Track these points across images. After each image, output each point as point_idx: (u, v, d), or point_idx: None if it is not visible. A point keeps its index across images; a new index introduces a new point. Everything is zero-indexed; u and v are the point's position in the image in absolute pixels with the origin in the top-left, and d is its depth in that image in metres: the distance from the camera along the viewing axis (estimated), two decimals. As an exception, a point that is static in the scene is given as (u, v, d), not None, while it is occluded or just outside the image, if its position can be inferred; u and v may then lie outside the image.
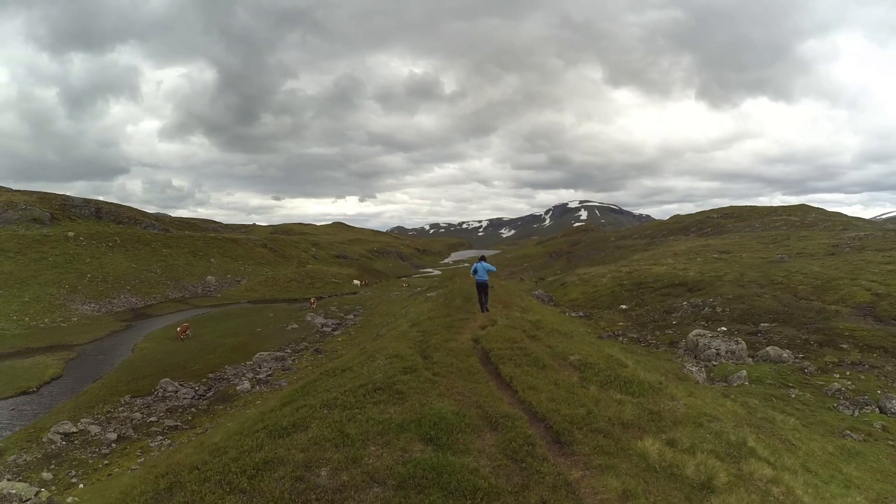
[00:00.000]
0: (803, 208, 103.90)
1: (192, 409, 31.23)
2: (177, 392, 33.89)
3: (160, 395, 33.30)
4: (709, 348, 28.58)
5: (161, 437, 26.45)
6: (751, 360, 28.35)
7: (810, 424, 19.28)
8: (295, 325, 55.08)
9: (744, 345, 29.01)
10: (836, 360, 28.65)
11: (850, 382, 25.04)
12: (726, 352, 28.15)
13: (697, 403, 14.11)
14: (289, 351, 45.56)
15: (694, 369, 25.19)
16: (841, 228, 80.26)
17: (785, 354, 28.27)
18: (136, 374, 37.19)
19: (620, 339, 36.21)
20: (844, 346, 30.48)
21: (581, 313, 46.06)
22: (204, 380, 36.89)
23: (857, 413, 21.58)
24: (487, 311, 25.11)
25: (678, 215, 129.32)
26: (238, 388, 34.79)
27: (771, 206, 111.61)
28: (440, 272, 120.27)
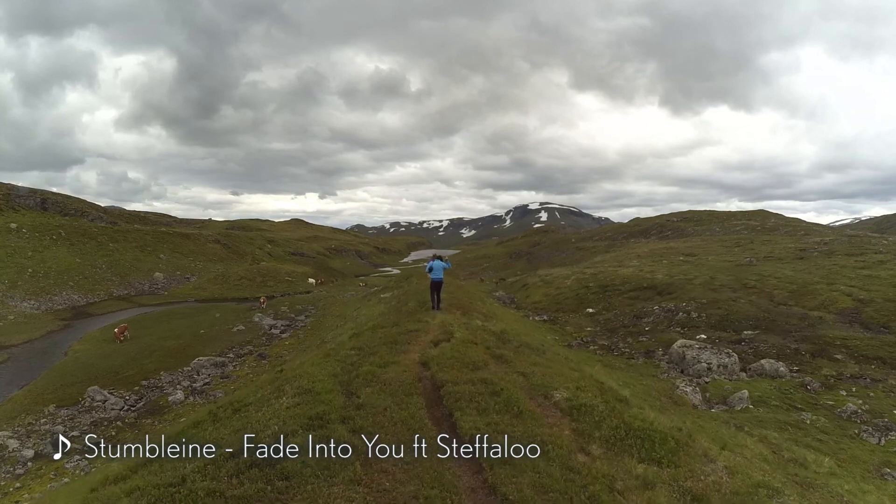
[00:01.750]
0: (762, 213, 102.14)
1: (118, 423, 27.27)
2: (105, 402, 29.63)
3: (87, 404, 29.20)
4: (698, 362, 24.26)
5: (78, 457, 22.38)
6: (744, 374, 24.20)
7: (844, 463, 15.16)
8: (241, 327, 49.97)
9: (735, 358, 24.80)
10: (834, 372, 25.00)
11: (861, 401, 21.18)
12: (718, 366, 23.89)
13: (739, 463, 9.74)
14: (231, 356, 40.96)
15: (688, 389, 20.89)
16: (803, 233, 78.56)
17: (781, 368, 24.21)
18: (65, 381, 32.92)
19: (591, 346, 32.00)
20: (838, 356, 27.04)
21: (545, 317, 41.80)
22: (136, 388, 32.56)
23: (882, 441, 17.73)
24: (440, 309, 23.13)
25: (638, 218, 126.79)
26: (170, 398, 30.73)
27: (730, 211, 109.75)
28: (399, 271, 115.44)
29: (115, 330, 44.25)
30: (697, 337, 30.58)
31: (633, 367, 25.58)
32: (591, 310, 41.81)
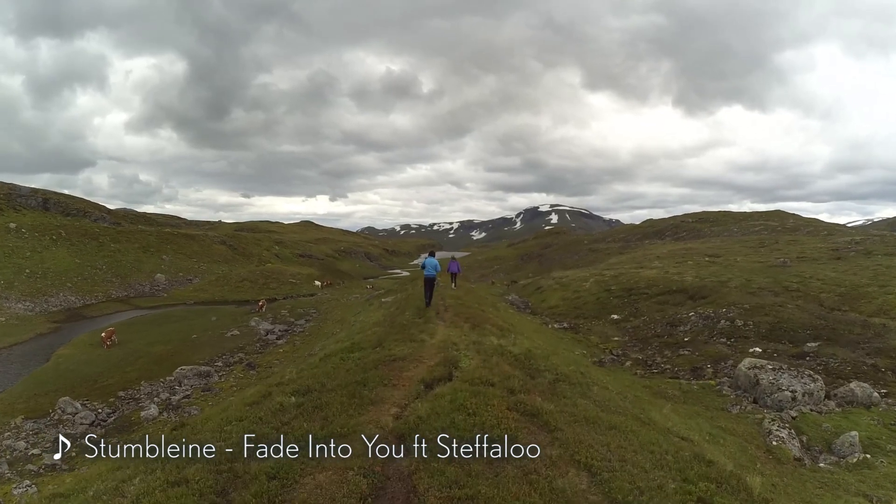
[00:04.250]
0: (780, 214, 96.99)
1: (83, 441, 22.03)
2: (75, 415, 25.69)
3: (57, 417, 25.46)
4: (778, 389, 18.14)
5: (29, 483, 18.05)
6: (832, 402, 18.30)
7: None
8: (236, 332, 44.78)
9: (821, 382, 18.63)
10: (927, 396, 19.39)
11: None
12: (803, 394, 17.97)
13: None
14: (219, 364, 36.04)
15: (783, 434, 14.93)
16: (826, 233, 73.31)
17: (875, 394, 18.41)
18: (40, 389, 29.44)
19: (625, 362, 26.30)
20: (922, 373, 21.42)
21: (565, 324, 36.12)
22: (111, 399, 28.49)
23: None
24: (431, 305, 22.15)
25: (651, 219, 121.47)
26: (143, 413, 26.27)
27: (747, 212, 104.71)
28: (407, 273, 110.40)
29: (102, 334, 40.08)
30: (751, 350, 24.91)
31: (690, 396, 19.73)
32: (615, 316, 36.16)
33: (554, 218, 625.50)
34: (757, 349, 25.18)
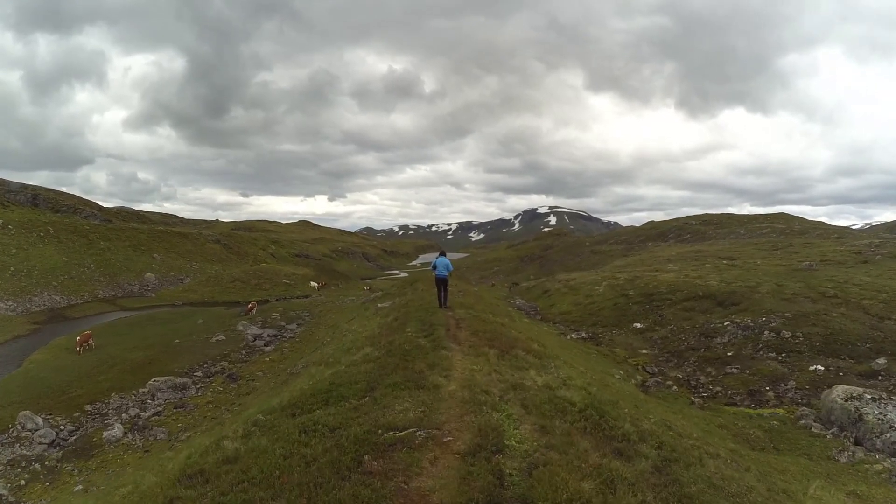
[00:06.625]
0: (785, 216, 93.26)
1: (35, 465, 20.56)
2: (35, 432, 22.92)
3: (15, 434, 22.75)
4: (890, 427, 13.51)
5: None
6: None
7: None
8: (221, 337, 40.49)
9: None
10: None
11: None
12: None
13: None
14: (199, 374, 32.10)
15: None
16: (836, 236, 69.76)
17: None
18: (4, 400, 26.31)
19: (664, 381, 22.01)
20: None
21: (583, 334, 31.72)
22: (77, 414, 25.49)
23: None
24: (447, 307, 21.98)
25: (653, 221, 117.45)
26: (105, 434, 23.18)
27: (751, 214, 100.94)
28: (406, 274, 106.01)
29: (77, 338, 36.26)
30: (812, 368, 20.59)
31: (780, 438, 14.99)
32: (638, 325, 31.81)
33: (552, 220, 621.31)
34: (819, 367, 20.84)
